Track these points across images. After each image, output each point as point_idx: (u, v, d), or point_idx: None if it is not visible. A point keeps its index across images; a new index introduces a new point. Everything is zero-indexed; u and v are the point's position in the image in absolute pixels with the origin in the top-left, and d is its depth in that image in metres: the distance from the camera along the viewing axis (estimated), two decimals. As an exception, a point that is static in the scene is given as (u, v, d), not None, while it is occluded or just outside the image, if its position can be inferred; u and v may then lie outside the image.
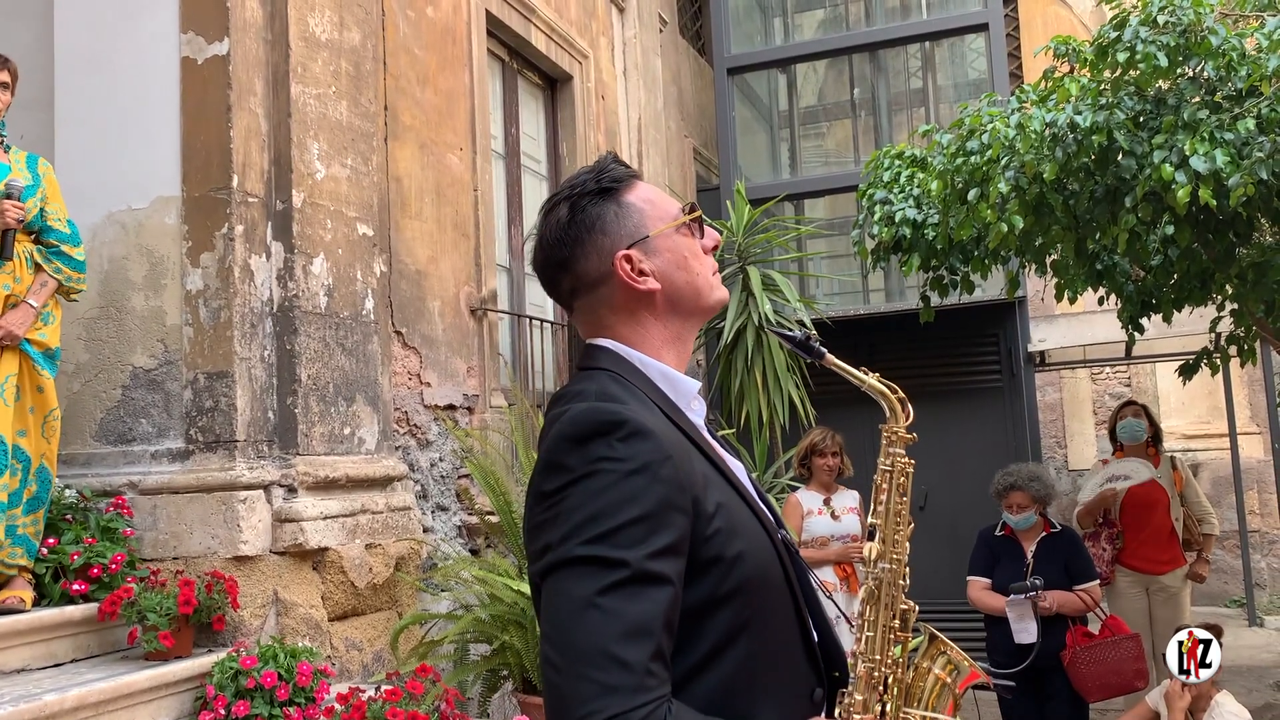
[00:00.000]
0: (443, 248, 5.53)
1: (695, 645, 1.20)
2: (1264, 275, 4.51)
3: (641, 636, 1.11)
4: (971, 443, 7.74)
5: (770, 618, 1.26)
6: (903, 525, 1.39)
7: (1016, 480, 4.84)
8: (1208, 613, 7.89)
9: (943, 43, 8.99)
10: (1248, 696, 6.02)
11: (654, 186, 1.45)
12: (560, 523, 1.17)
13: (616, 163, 1.42)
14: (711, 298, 1.41)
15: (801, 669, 1.30)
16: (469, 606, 4.43)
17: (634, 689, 1.08)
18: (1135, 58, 4.02)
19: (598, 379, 1.32)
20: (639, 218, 1.37)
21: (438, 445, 5.32)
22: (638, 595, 1.12)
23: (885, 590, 1.36)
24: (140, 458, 4.07)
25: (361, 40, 4.72)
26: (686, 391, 1.36)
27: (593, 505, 1.15)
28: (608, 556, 1.13)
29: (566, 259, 1.38)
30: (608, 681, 1.08)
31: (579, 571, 1.14)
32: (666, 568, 1.15)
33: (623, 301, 1.37)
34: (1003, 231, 4.46)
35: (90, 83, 4.28)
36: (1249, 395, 10.48)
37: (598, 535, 1.14)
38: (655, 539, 1.14)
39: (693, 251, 1.39)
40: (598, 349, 1.37)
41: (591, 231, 1.37)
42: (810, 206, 9.21)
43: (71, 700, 3.10)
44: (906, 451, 1.41)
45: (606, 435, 1.18)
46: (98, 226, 4.17)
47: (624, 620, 1.11)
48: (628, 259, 1.35)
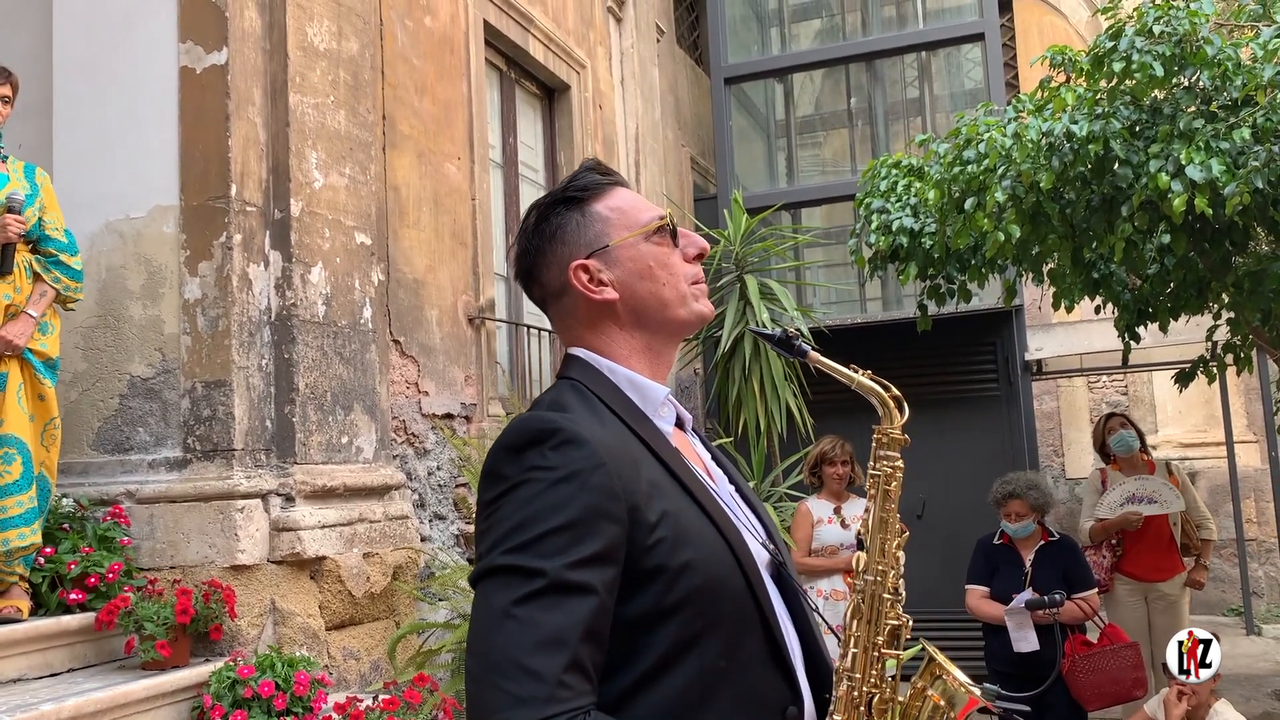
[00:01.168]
0: (441, 257, 5.53)
1: (641, 657, 1.17)
2: (1260, 284, 4.51)
3: (556, 647, 1.09)
4: (969, 451, 7.75)
5: (728, 631, 1.21)
6: (892, 534, 1.32)
7: (1015, 489, 4.84)
8: (1205, 621, 7.89)
9: (939, 52, 9.03)
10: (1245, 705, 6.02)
11: (632, 194, 1.41)
12: (491, 532, 1.17)
13: (593, 170, 1.41)
14: (681, 310, 1.36)
15: (771, 685, 1.24)
16: (466, 615, 4.42)
17: (544, 699, 1.07)
18: (1131, 67, 4.04)
19: (559, 388, 1.32)
20: (601, 226, 1.36)
21: (435, 454, 5.32)
22: (555, 606, 1.11)
23: (870, 604, 1.29)
24: (137, 467, 4.07)
25: (360, 50, 4.73)
26: (654, 398, 1.34)
27: (519, 514, 1.15)
28: (526, 566, 1.12)
29: (531, 268, 1.40)
30: (518, 693, 1.07)
31: (499, 581, 1.13)
32: (589, 577, 1.13)
33: (585, 312, 1.36)
34: (999, 240, 4.47)
35: (88, 91, 4.28)
36: (1246, 404, 10.49)
37: (519, 545, 1.13)
38: (579, 548, 1.13)
39: (661, 261, 1.35)
40: (570, 358, 1.38)
41: (552, 241, 1.37)
42: (807, 216, 9.24)
43: (69, 710, 3.09)
44: (902, 454, 1.34)
45: (540, 444, 1.18)
46: (96, 235, 4.18)
47: (538, 630, 1.09)
48: (585, 269, 1.35)
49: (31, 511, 3.56)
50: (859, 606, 1.30)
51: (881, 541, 1.32)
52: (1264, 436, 9.29)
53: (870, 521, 1.33)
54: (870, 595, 1.30)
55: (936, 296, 5.70)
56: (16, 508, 3.51)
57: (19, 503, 3.52)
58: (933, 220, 5.13)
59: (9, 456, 3.52)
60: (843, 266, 8.85)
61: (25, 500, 3.54)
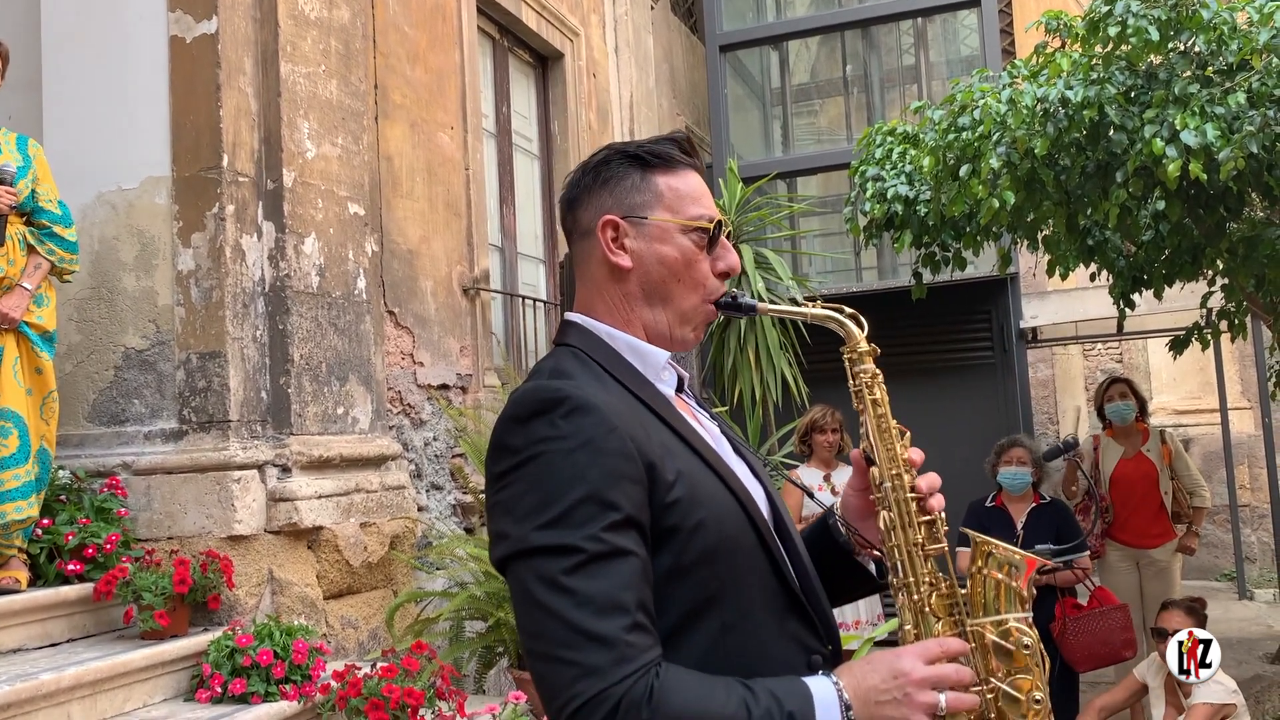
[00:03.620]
0: (434, 227, 5.52)
1: (663, 616, 1.18)
2: (1254, 250, 4.52)
3: (612, 611, 1.10)
4: (964, 419, 7.77)
5: (746, 588, 1.23)
6: (895, 438, 1.32)
7: (1019, 440, 5.05)
8: (1198, 586, 7.95)
9: (935, 19, 8.96)
10: (1238, 669, 6.08)
11: (699, 184, 1.38)
12: (511, 509, 1.17)
13: (677, 144, 1.39)
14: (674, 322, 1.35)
15: (793, 634, 1.27)
16: (464, 584, 4.45)
17: (615, 662, 1.08)
18: (1126, 32, 4.02)
19: (557, 355, 1.33)
20: (650, 197, 1.35)
21: (431, 425, 5.33)
22: (599, 573, 1.11)
23: (899, 510, 1.30)
24: (134, 438, 4.07)
25: (351, 18, 4.69)
26: (655, 363, 1.34)
27: (540, 489, 1.15)
28: (560, 544, 1.12)
29: (574, 199, 1.40)
30: (586, 661, 1.08)
31: (537, 562, 1.13)
32: (624, 540, 1.13)
33: (599, 265, 1.37)
34: (994, 207, 4.47)
35: (78, 62, 4.25)
36: (1240, 370, 10.52)
37: (548, 521, 1.13)
38: (607, 514, 1.13)
39: (687, 259, 1.34)
40: (567, 324, 1.38)
41: (603, 186, 1.37)
42: (803, 184, 9.21)
43: (68, 679, 3.11)
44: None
45: (548, 413, 1.18)
46: (87, 207, 4.16)
47: (591, 599, 1.10)
48: (614, 225, 1.35)
49: (29, 484, 3.56)
50: (889, 519, 1.30)
51: (886, 449, 1.32)
52: (1258, 403, 9.32)
53: (870, 433, 1.33)
54: (896, 502, 1.30)
55: (932, 264, 5.70)
56: (14, 481, 3.52)
57: (15, 476, 3.52)
58: (928, 188, 5.12)
59: (5, 430, 3.53)
60: (838, 235, 8.83)
61: (23, 474, 3.54)
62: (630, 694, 1.08)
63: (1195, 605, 4.46)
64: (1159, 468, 5.72)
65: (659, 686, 1.09)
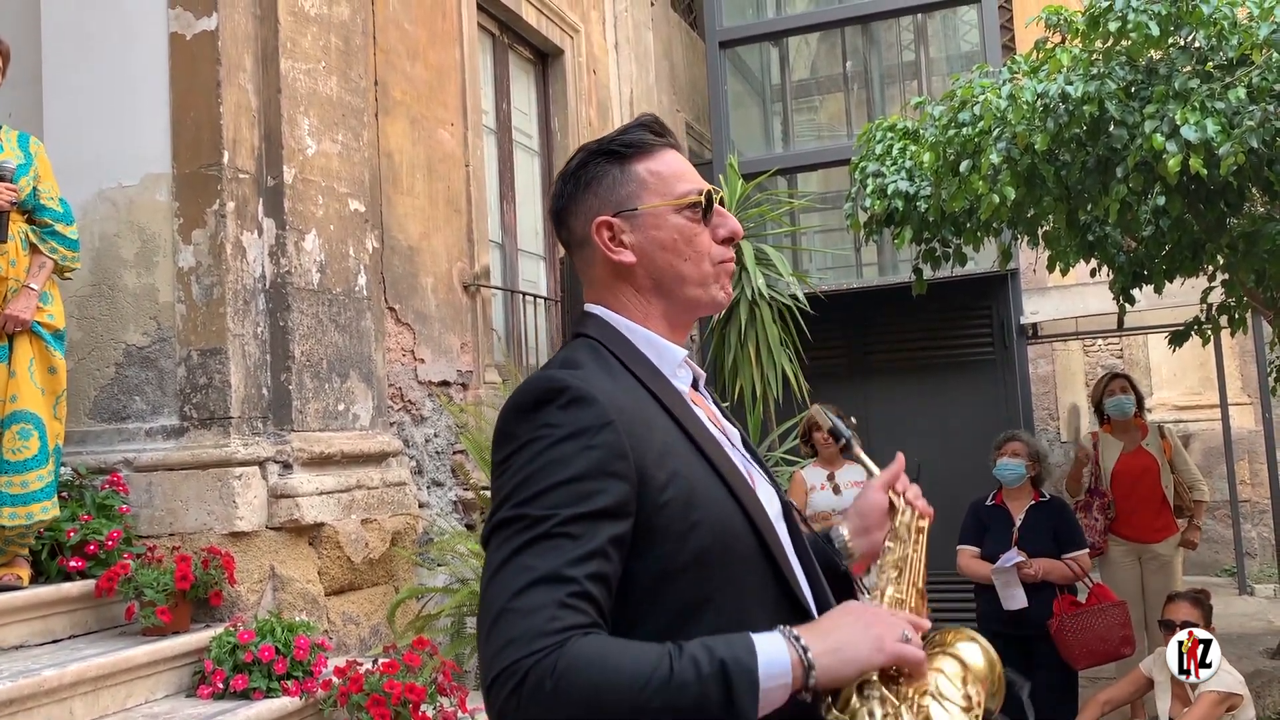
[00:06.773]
0: (435, 224, 5.52)
1: (656, 614, 1.18)
2: (1255, 245, 4.51)
3: (553, 582, 1.08)
4: (965, 415, 7.76)
5: (743, 593, 1.22)
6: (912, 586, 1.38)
7: (1017, 434, 5.06)
8: (1199, 581, 7.94)
9: (935, 15, 8.94)
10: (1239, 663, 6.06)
11: (679, 160, 1.37)
12: (499, 491, 1.18)
13: (645, 127, 1.37)
14: (698, 289, 1.35)
15: None
16: (465, 580, 4.46)
17: (535, 635, 1.06)
18: (1127, 27, 4.01)
19: (573, 346, 1.33)
20: (635, 187, 1.34)
21: (432, 421, 5.33)
22: (552, 550, 1.10)
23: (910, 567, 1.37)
24: (135, 435, 4.08)
25: (351, 15, 4.69)
26: (672, 358, 1.34)
27: (524, 471, 1.15)
28: (528, 514, 1.13)
29: (561, 212, 1.40)
30: (510, 633, 1.07)
31: (504, 534, 1.14)
32: (591, 530, 1.12)
33: (603, 268, 1.36)
34: (994, 203, 4.46)
35: (78, 59, 4.25)
36: (1240, 366, 10.51)
37: (524, 499, 1.14)
38: (583, 502, 1.13)
39: (686, 236, 1.33)
40: (587, 315, 1.37)
41: (586, 191, 1.36)
42: (803, 180, 9.19)
43: (70, 675, 3.12)
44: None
45: (549, 403, 1.18)
46: (88, 204, 4.16)
47: (533, 572, 1.09)
48: (608, 226, 1.34)
49: (51, 485, 3.56)
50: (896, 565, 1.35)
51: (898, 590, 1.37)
52: (1258, 398, 9.32)
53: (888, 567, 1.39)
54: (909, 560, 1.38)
55: (932, 260, 5.69)
56: (38, 482, 3.52)
57: (39, 477, 3.52)
58: (928, 183, 5.11)
59: (26, 432, 3.52)
60: (839, 231, 8.81)
61: (45, 474, 3.54)
62: (539, 665, 1.05)
63: (1201, 596, 4.47)
64: (1160, 462, 5.73)
65: (572, 653, 1.05)
